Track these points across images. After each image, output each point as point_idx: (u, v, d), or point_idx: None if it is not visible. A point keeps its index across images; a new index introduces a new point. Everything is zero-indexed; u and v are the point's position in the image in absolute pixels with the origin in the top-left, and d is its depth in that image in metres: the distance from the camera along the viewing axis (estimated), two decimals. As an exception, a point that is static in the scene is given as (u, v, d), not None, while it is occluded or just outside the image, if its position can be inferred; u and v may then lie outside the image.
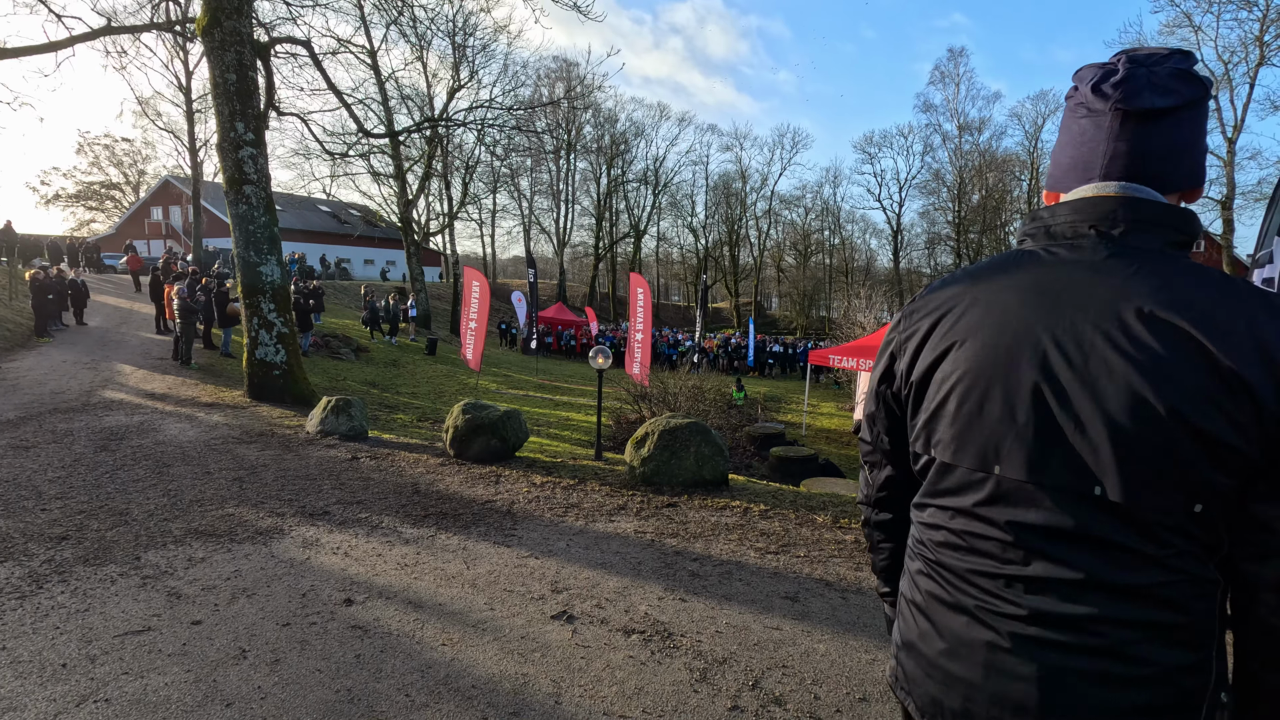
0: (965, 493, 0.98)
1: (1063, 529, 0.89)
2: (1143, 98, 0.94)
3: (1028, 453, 0.91)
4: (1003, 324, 0.96)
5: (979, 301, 1.00)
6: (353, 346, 18.25)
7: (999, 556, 0.94)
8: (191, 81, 26.85)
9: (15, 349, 12.98)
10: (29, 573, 4.05)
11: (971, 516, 0.97)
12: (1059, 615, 0.89)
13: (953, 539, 1.00)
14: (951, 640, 0.98)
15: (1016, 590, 0.92)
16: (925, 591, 1.04)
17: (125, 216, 42.97)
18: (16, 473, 6.13)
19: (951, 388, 0.98)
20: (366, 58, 26.83)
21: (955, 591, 0.99)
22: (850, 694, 2.97)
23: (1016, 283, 0.98)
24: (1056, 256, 0.98)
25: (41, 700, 2.80)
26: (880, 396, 1.14)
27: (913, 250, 59.18)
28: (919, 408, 1.05)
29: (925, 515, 1.06)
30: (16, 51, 12.24)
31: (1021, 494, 0.92)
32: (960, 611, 0.98)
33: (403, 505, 5.57)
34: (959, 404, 0.97)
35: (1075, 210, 0.99)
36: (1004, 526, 0.93)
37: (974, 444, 0.96)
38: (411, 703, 2.84)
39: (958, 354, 0.98)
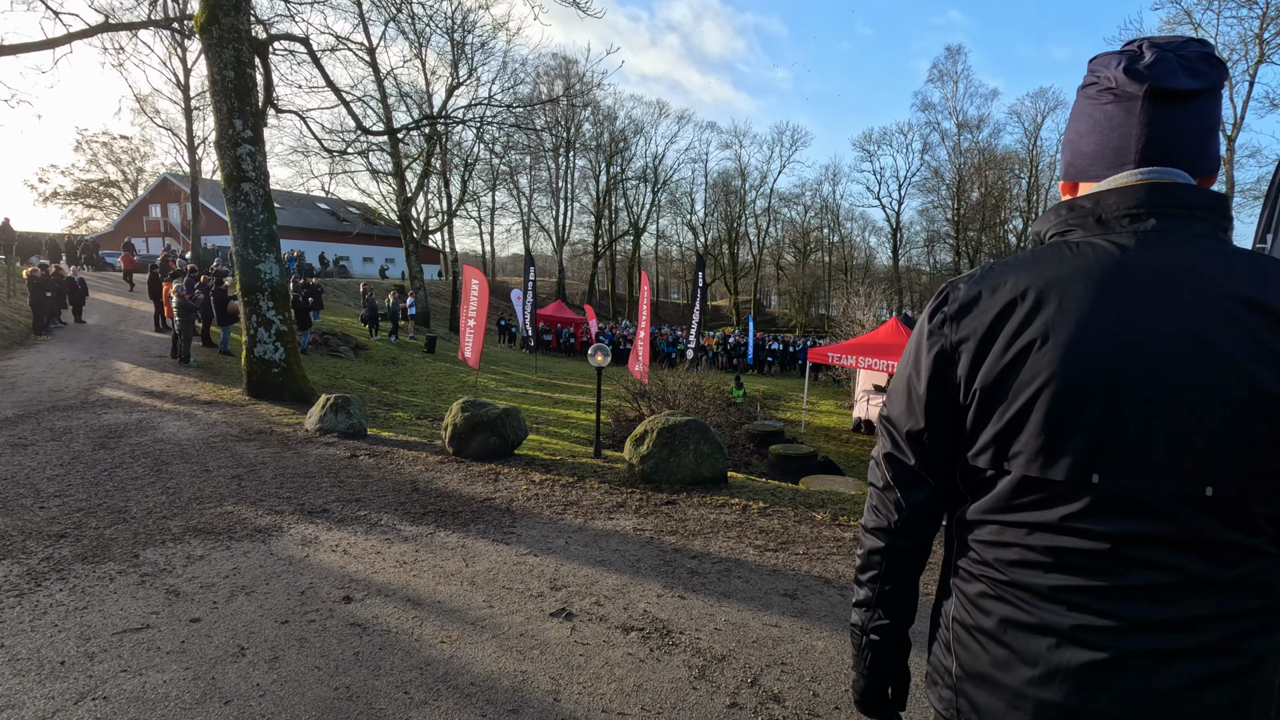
0: (1052, 506, 0.91)
1: (1165, 535, 0.86)
2: (1177, 78, 0.91)
3: (1134, 458, 0.86)
4: (1089, 320, 0.89)
5: (1050, 296, 0.92)
6: (352, 344, 18.23)
7: (1091, 569, 0.89)
8: (190, 79, 26.80)
9: (14, 347, 12.97)
10: (27, 570, 4.05)
11: (1059, 530, 0.90)
12: (1159, 621, 0.86)
13: (1032, 556, 0.93)
14: (1041, 666, 0.90)
15: (1111, 602, 0.87)
16: (998, 617, 0.95)
17: (124, 214, 42.90)
18: (15, 470, 6.13)
19: (1036, 393, 0.90)
20: (365, 55, 26.78)
21: (1039, 612, 0.91)
22: (849, 691, 2.97)
23: (1086, 275, 0.92)
24: (1123, 247, 0.93)
25: (40, 698, 2.79)
26: (930, 409, 1.03)
27: (912, 248, 59.34)
28: (985, 419, 0.95)
29: (986, 533, 0.98)
30: (14, 48, 12.21)
31: (1122, 503, 0.87)
32: (1046, 633, 0.91)
33: (401, 503, 5.57)
34: (1048, 410, 0.89)
35: (1126, 197, 0.95)
36: (1101, 538, 0.88)
37: (1067, 453, 0.89)
38: (410, 700, 2.84)
39: (1039, 355, 0.90)
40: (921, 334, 1.05)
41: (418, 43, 31.25)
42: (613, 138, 56.96)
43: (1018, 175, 53.11)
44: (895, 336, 15.49)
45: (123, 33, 16.54)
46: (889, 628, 1.14)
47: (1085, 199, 0.99)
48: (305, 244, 36.15)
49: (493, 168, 46.80)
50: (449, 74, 31.38)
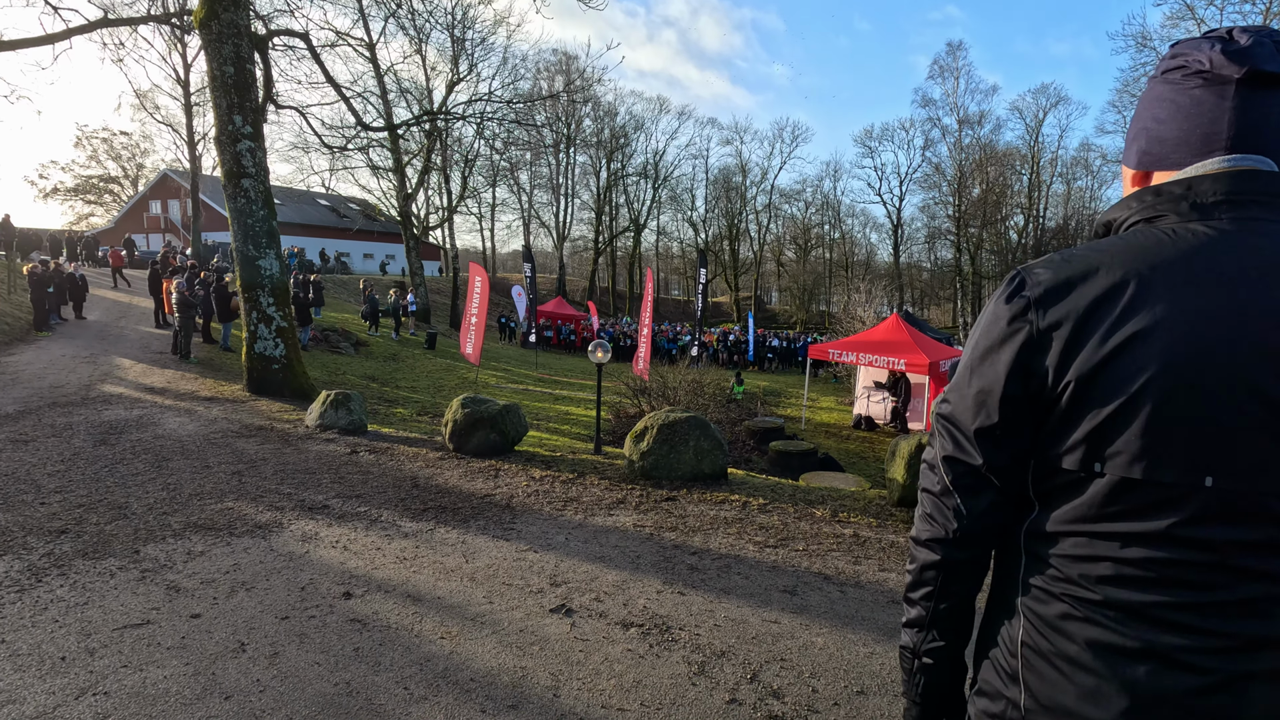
0: (1158, 513, 0.83)
1: None
2: (1277, 62, 0.87)
3: (1252, 457, 0.80)
4: (1200, 310, 0.83)
5: (1155, 282, 0.85)
6: (352, 341, 18.24)
7: (1197, 584, 0.81)
8: (190, 75, 26.79)
9: (14, 343, 12.97)
10: (28, 566, 4.06)
11: (1162, 540, 0.83)
12: (1274, 638, 0.79)
13: (1128, 570, 0.84)
14: (1139, 695, 0.82)
15: (1220, 619, 0.80)
16: (1085, 640, 0.86)
17: (124, 210, 42.91)
18: (15, 467, 6.13)
19: (1142, 386, 0.82)
20: (365, 51, 26.74)
21: (1135, 634, 0.83)
22: (848, 687, 2.98)
23: (1190, 260, 0.86)
24: (1226, 234, 0.87)
25: (41, 693, 2.80)
26: (1008, 402, 0.93)
27: (913, 244, 59.29)
28: (1079, 413, 0.87)
29: (1070, 546, 0.89)
30: (14, 44, 12.18)
31: (1240, 506, 0.80)
32: (1145, 658, 0.82)
33: (402, 499, 5.57)
34: (1157, 405, 0.82)
35: (1221, 183, 0.90)
36: (1211, 548, 0.81)
37: (1179, 453, 0.81)
38: (410, 696, 2.84)
39: (1145, 346, 0.83)
40: (996, 321, 0.95)
41: (418, 38, 31.17)
42: (613, 134, 56.91)
43: (1019, 171, 53.02)
44: (896, 333, 15.47)
45: (122, 28, 16.50)
46: (944, 650, 1.05)
47: (1174, 184, 0.93)
48: (306, 240, 36.13)
49: (493, 164, 46.75)
50: (449, 70, 31.33)
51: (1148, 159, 0.99)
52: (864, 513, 5.50)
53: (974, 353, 0.98)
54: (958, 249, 52.79)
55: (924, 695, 1.07)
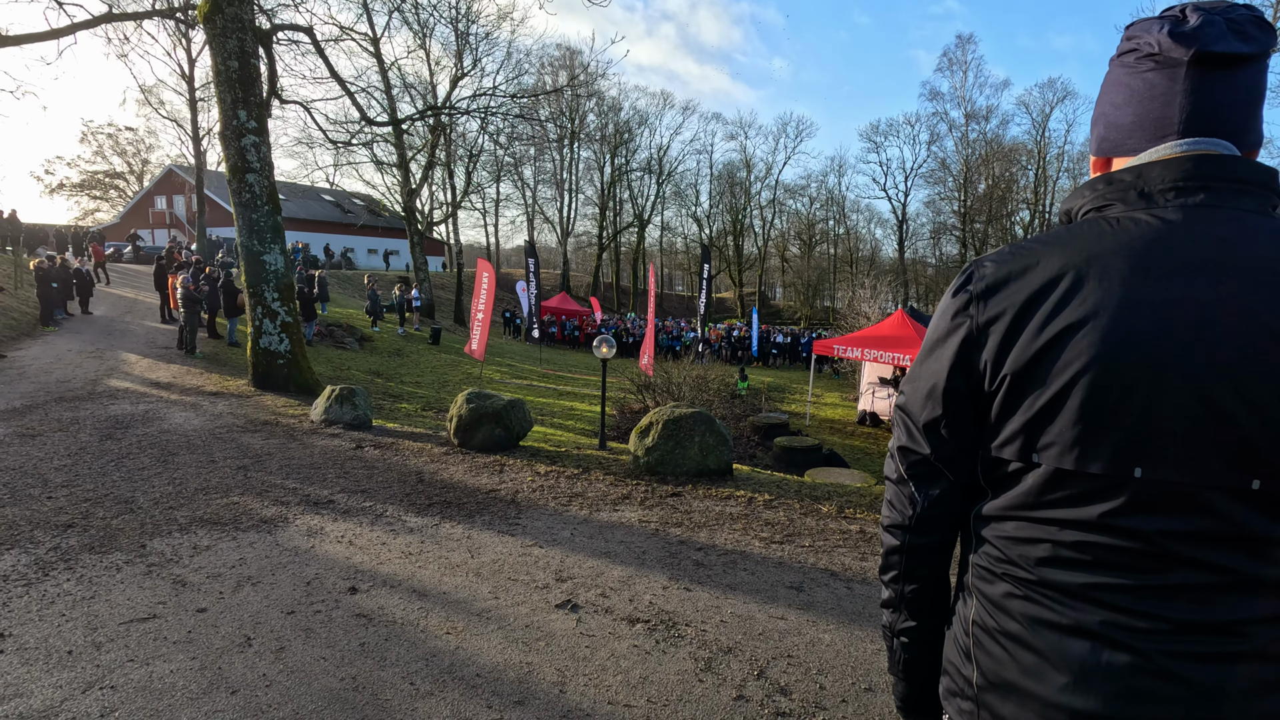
0: (1090, 501, 0.84)
1: (1212, 531, 0.80)
2: (1226, 42, 0.85)
3: (1182, 448, 0.80)
4: (1134, 300, 0.83)
5: (1090, 275, 0.86)
6: (356, 336, 18.25)
7: (1131, 568, 0.83)
8: (194, 70, 26.80)
9: (21, 338, 13.02)
10: (35, 560, 4.07)
11: (1095, 527, 0.84)
12: (1209, 623, 0.80)
13: (1064, 553, 0.86)
14: (1076, 671, 0.84)
15: (1152, 603, 0.81)
16: (1026, 617, 0.89)
17: (129, 206, 42.98)
18: (23, 461, 6.15)
19: (1073, 379, 0.83)
20: (369, 45, 26.68)
21: (1072, 613, 0.85)
22: (855, 684, 2.96)
23: (1130, 251, 0.86)
24: (1169, 222, 0.86)
25: (48, 687, 2.80)
26: (951, 396, 0.96)
27: (918, 240, 59.02)
28: (1015, 406, 0.89)
29: (1009, 529, 0.92)
30: (19, 39, 12.18)
31: (1169, 497, 0.81)
32: (1081, 635, 0.84)
33: (407, 494, 5.57)
34: (1086, 398, 0.83)
35: (1171, 169, 0.89)
36: (1142, 535, 0.82)
37: (1107, 444, 0.82)
38: (416, 691, 2.84)
39: (1076, 339, 0.84)
40: (944, 316, 0.97)
41: (422, 33, 31.11)
42: (617, 129, 56.74)
43: (1025, 167, 52.73)
44: (901, 329, 15.41)
45: (127, 23, 16.50)
46: (916, 629, 1.08)
47: (1125, 172, 0.93)
48: (310, 236, 36.14)
49: (497, 159, 46.72)
50: (453, 64, 31.26)
51: (1106, 145, 0.99)
52: (870, 509, 5.48)
53: (924, 346, 1.02)
54: (963, 244, 52.59)
55: (905, 671, 1.12)
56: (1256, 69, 0.87)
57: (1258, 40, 0.86)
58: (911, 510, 1.03)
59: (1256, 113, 0.90)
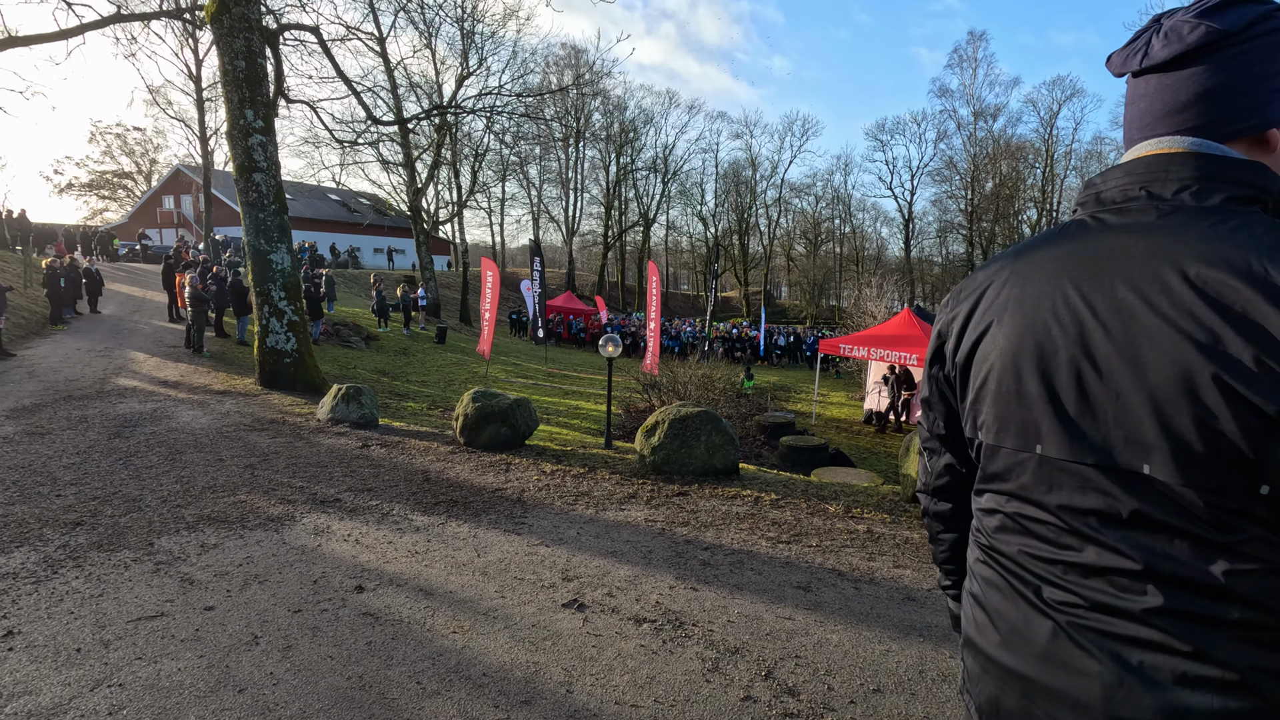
0: (1013, 475, 0.93)
1: (1114, 513, 0.82)
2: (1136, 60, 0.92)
3: (1067, 430, 0.86)
4: (1038, 297, 0.91)
5: (1018, 276, 0.96)
6: (363, 335, 18.29)
7: (1054, 541, 0.88)
8: (201, 70, 26.91)
9: (31, 336, 13.10)
10: (44, 558, 4.08)
11: (1022, 499, 0.92)
12: (1120, 608, 0.81)
13: (1008, 523, 0.95)
14: (1007, 631, 0.92)
15: (1074, 577, 0.86)
16: (983, 580, 0.99)
17: (137, 205, 43.20)
18: (32, 459, 6.18)
19: (991, 366, 0.95)
20: (375, 45, 26.69)
21: (1011, 578, 0.93)
22: (864, 685, 2.94)
23: (1058, 254, 0.93)
24: (1103, 223, 0.92)
25: (56, 684, 2.81)
26: (933, 380, 1.10)
27: (924, 239, 58.80)
28: (965, 390, 1.01)
29: (983, 501, 1.01)
30: (28, 39, 12.25)
31: (1067, 475, 0.86)
32: (1018, 599, 0.92)
33: (413, 493, 5.58)
34: (998, 382, 0.94)
35: (1127, 172, 0.93)
36: (1054, 510, 0.88)
37: (1014, 423, 0.92)
38: (423, 690, 2.83)
39: (995, 331, 0.95)
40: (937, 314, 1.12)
41: (427, 32, 31.12)
42: (622, 128, 56.72)
43: (1032, 165, 52.45)
44: (907, 328, 15.35)
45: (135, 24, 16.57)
46: (953, 588, 1.22)
47: (1099, 175, 0.98)
48: (316, 235, 36.24)
49: (503, 158, 46.69)
50: (459, 64, 31.23)
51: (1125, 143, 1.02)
52: (877, 509, 5.45)
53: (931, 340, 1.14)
54: (970, 243, 52.34)
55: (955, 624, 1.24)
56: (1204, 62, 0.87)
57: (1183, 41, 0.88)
58: (926, 478, 1.21)
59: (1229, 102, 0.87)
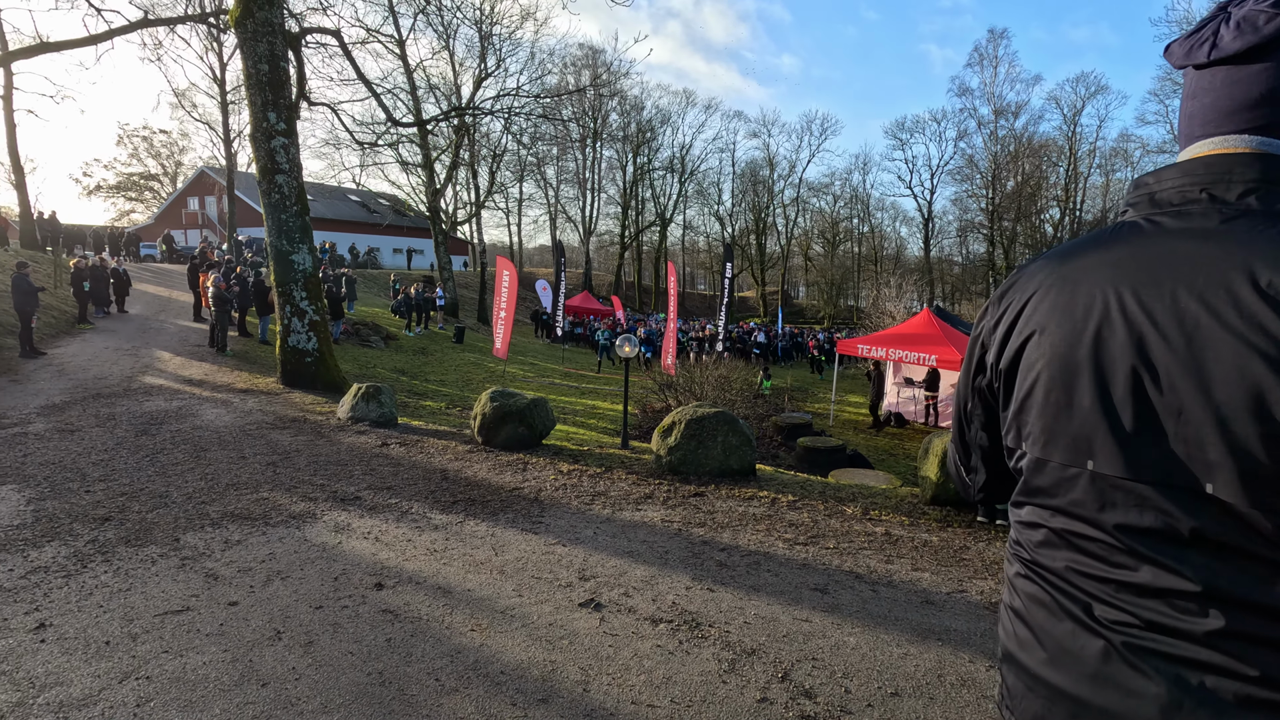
0: (1062, 490, 0.87)
1: (1173, 532, 0.77)
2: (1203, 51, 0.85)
3: (1123, 445, 0.80)
4: (1090, 303, 0.85)
5: (1066, 281, 0.89)
6: (382, 334, 18.48)
7: (1106, 559, 0.83)
8: (225, 73, 27.38)
9: (60, 335, 13.39)
10: (74, 552, 4.18)
11: (1071, 515, 0.87)
12: (1180, 629, 0.77)
13: (1053, 538, 0.90)
14: (1054, 649, 0.88)
15: (1127, 597, 0.81)
16: (1025, 595, 0.94)
17: (163, 207, 44.00)
18: (62, 455, 6.33)
19: (1037, 376, 0.89)
20: (395, 47, 26.98)
21: (1058, 595, 0.88)
22: (882, 688, 2.93)
23: (1109, 258, 0.87)
24: (1160, 226, 0.86)
25: (87, 676, 2.88)
26: (975, 392, 1.05)
27: (944, 238, 58.22)
28: (1009, 400, 0.96)
29: (1023, 514, 0.96)
30: (59, 45, 12.55)
31: (1122, 492, 0.81)
32: (1065, 617, 0.87)
33: (431, 491, 5.63)
34: (1045, 393, 0.88)
35: (1185, 173, 0.87)
36: (1107, 528, 0.83)
37: (1064, 436, 0.86)
38: (441, 687, 2.86)
39: (1041, 339, 0.89)
40: (976, 319, 1.07)
41: (446, 34, 31.38)
42: (640, 128, 56.76)
43: (1055, 164, 51.69)
44: (927, 328, 15.20)
45: (161, 28, 16.88)
46: None
47: (1150, 175, 0.92)
48: (336, 235, 36.66)
49: (520, 159, 46.96)
50: (477, 65, 31.45)
51: (1180, 140, 0.97)
52: (896, 511, 5.41)
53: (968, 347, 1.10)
54: (991, 243, 51.71)
55: None
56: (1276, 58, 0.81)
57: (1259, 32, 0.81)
58: (970, 492, 1.17)
59: None
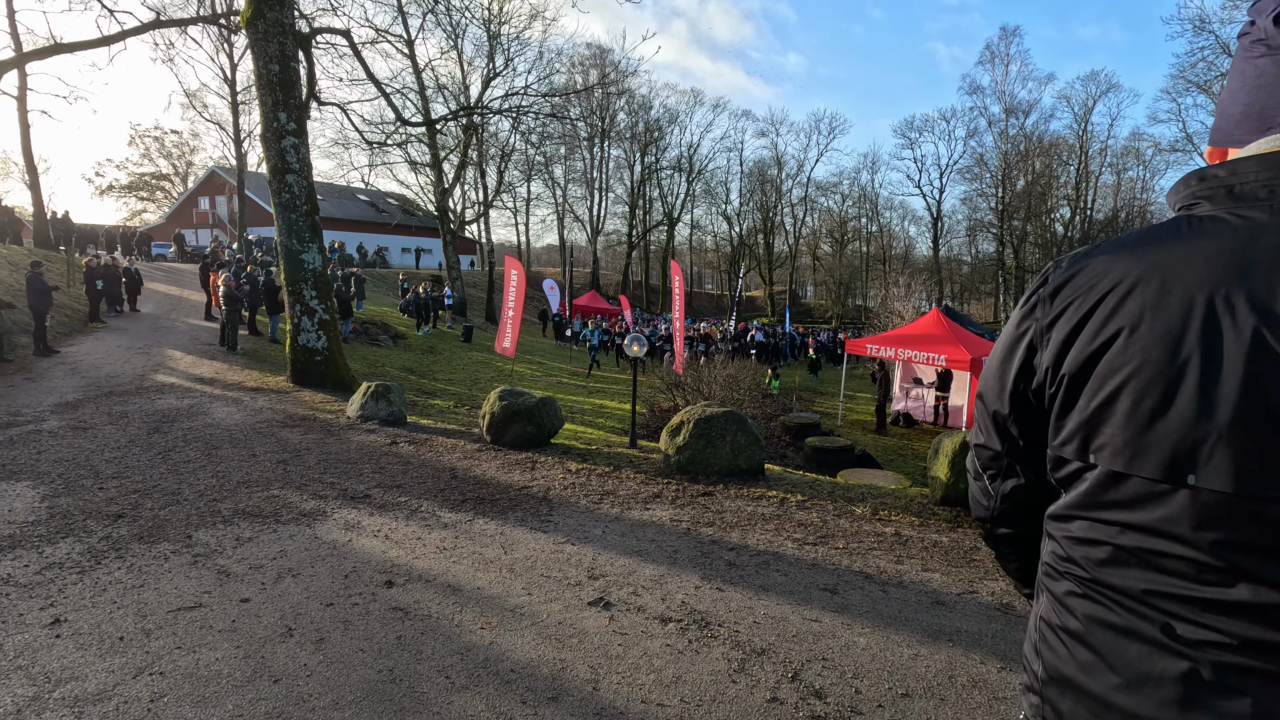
0: (1144, 506, 0.81)
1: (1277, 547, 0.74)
2: None
3: (1236, 459, 0.75)
4: (1189, 304, 0.79)
5: (1150, 277, 0.82)
6: (391, 333, 18.56)
7: (1192, 577, 0.79)
8: (236, 74, 27.55)
9: (73, 334, 13.52)
10: (88, 548, 4.22)
11: (1152, 533, 0.81)
12: (1269, 643, 0.74)
13: (1123, 556, 0.84)
14: (1130, 673, 0.82)
15: (1216, 616, 0.77)
16: (1085, 616, 0.88)
17: (174, 207, 44.37)
18: (76, 452, 6.39)
19: (1123, 382, 0.81)
20: (404, 47, 27.10)
21: (1130, 616, 0.83)
22: (892, 689, 2.91)
23: (1198, 254, 0.81)
24: (1252, 221, 0.80)
25: (101, 671, 2.91)
26: (1016, 396, 0.97)
27: (953, 237, 57.91)
28: (1071, 407, 0.88)
29: (1075, 529, 0.90)
30: (73, 46, 12.66)
31: (1225, 508, 0.76)
32: (1138, 639, 0.82)
33: (441, 490, 5.65)
34: (1135, 401, 0.80)
35: (1267, 165, 0.82)
36: (1201, 545, 0.77)
37: (1158, 449, 0.79)
38: (452, 685, 2.87)
39: (1129, 341, 0.82)
40: (1016, 316, 0.99)
41: (454, 34, 31.50)
42: (647, 127, 56.73)
43: (1066, 162, 51.31)
44: (936, 328, 15.13)
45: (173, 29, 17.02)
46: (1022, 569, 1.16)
47: (1219, 167, 0.87)
48: (345, 235, 36.86)
49: (528, 158, 47.06)
50: (485, 65, 31.59)
51: (1218, 136, 0.93)
52: (905, 511, 5.39)
53: (998, 343, 1.03)
54: (1000, 242, 51.42)
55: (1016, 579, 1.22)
56: None
57: None
58: (988, 505, 1.09)
59: None
